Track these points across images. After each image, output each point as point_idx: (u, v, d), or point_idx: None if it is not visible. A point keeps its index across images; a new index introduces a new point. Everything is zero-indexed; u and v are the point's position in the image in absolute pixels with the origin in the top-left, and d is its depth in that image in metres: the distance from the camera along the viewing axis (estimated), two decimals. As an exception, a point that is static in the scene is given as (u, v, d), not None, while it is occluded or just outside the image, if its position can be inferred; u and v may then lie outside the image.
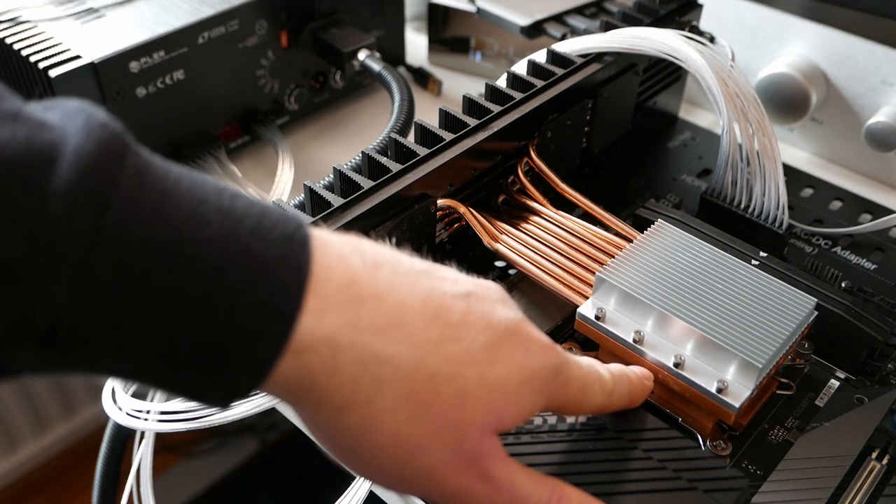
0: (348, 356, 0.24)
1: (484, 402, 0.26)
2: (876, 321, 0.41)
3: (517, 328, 0.28)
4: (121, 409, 0.41)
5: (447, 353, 0.26)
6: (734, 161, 0.48)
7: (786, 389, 0.40)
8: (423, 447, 0.26)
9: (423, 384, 0.25)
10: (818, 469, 0.36)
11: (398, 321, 0.25)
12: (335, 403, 0.25)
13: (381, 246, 0.27)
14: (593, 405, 0.32)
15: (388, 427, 0.25)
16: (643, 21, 0.53)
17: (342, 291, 0.24)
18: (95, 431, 1.19)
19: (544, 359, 0.28)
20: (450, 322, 0.26)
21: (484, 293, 0.28)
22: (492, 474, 0.27)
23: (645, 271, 0.39)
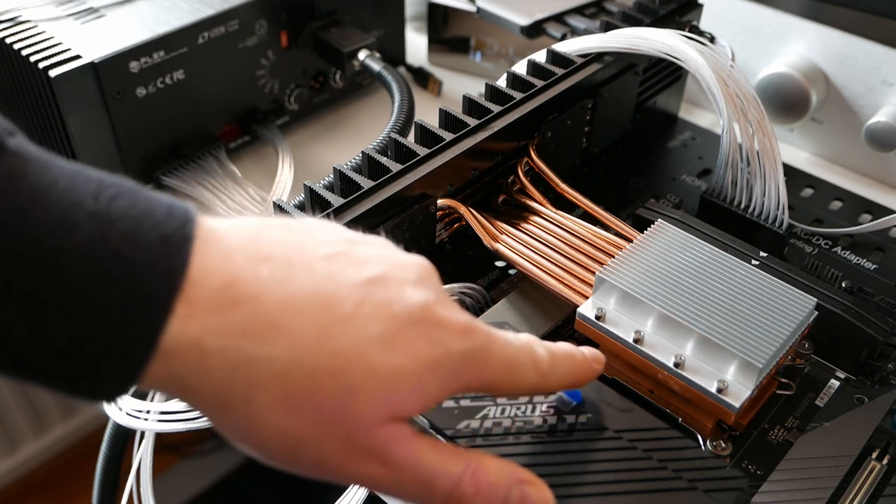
0: (216, 360, 0.24)
1: (373, 395, 0.25)
2: (876, 321, 0.41)
3: (422, 314, 0.27)
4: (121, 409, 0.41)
5: (332, 347, 0.25)
6: (734, 161, 0.48)
7: (786, 389, 0.40)
8: (310, 441, 0.26)
9: (301, 381, 0.25)
10: (818, 469, 0.36)
11: (275, 321, 0.25)
12: (212, 404, 0.25)
13: (287, 230, 0.27)
14: (524, 385, 0.30)
15: (270, 424, 0.25)
16: (643, 21, 0.53)
17: (216, 294, 0.24)
18: (95, 431, 1.19)
19: (452, 344, 0.27)
20: (337, 316, 0.25)
21: (394, 275, 0.27)
22: (392, 459, 0.26)
23: (645, 271, 0.39)
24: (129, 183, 0.24)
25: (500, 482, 0.28)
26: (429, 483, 0.27)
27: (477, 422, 0.34)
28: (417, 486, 0.27)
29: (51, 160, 0.24)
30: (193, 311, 0.24)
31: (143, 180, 0.56)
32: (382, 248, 0.28)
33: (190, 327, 0.24)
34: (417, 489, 0.27)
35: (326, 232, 0.28)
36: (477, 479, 0.28)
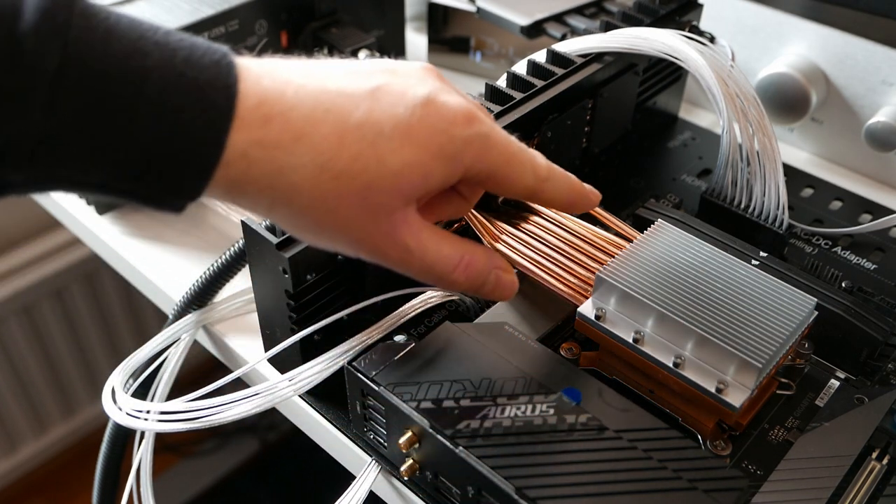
0: (259, 169, 0.29)
1: (389, 189, 0.30)
2: (876, 321, 0.41)
3: (425, 107, 0.31)
4: (121, 409, 0.41)
5: (351, 152, 0.30)
6: (734, 161, 0.48)
7: (786, 389, 0.40)
8: (343, 232, 0.31)
9: (331, 184, 0.30)
10: (818, 469, 0.36)
11: (301, 133, 0.29)
12: (263, 204, 0.30)
13: (297, 60, 0.31)
14: (521, 185, 0.35)
15: (312, 218, 0.30)
16: (643, 21, 0.53)
17: (252, 112, 0.28)
18: (95, 431, 1.19)
19: (455, 131, 0.31)
20: (352, 123, 0.30)
21: (398, 80, 0.31)
22: (403, 243, 0.32)
23: (645, 271, 0.39)
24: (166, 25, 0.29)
25: (484, 269, 0.36)
26: (430, 267, 0.34)
27: (477, 422, 0.34)
28: (421, 268, 0.33)
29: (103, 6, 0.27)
30: (240, 126, 0.28)
31: (143, 180, 0.56)
32: (383, 62, 0.33)
33: (239, 140, 0.28)
34: (421, 271, 0.34)
35: (332, 61, 0.32)
36: (468, 268, 0.35)
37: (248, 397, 0.38)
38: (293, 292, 0.38)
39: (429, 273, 0.34)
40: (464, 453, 0.34)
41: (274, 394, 0.38)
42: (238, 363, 0.48)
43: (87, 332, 1.11)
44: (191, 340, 0.48)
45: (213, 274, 0.45)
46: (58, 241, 1.03)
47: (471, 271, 0.35)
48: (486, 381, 0.36)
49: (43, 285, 1.02)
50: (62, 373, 1.12)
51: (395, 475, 0.39)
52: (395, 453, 0.38)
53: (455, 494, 0.36)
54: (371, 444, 0.40)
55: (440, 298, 0.41)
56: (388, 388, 0.36)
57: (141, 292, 0.56)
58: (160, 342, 0.46)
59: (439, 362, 0.37)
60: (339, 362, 0.38)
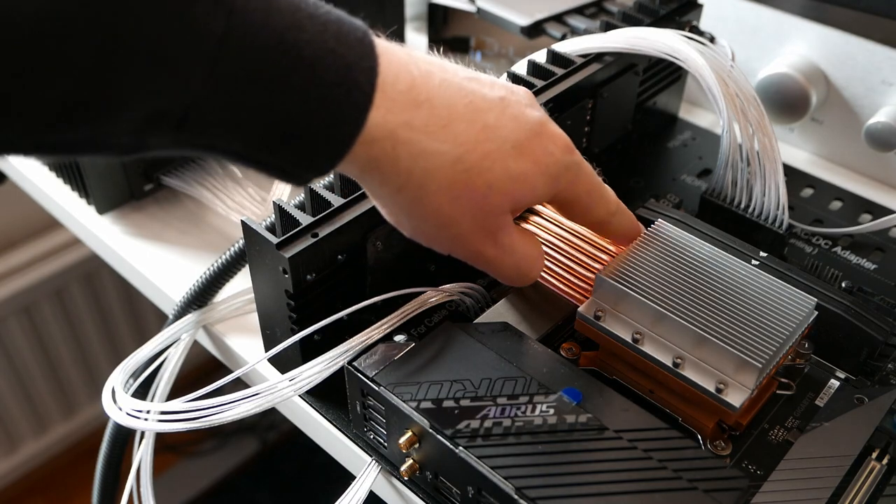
0: (405, 150, 0.30)
1: (506, 191, 0.33)
2: (876, 321, 0.41)
3: (540, 129, 0.34)
4: (121, 409, 0.41)
5: (483, 150, 0.32)
6: (734, 161, 0.48)
7: (786, 389, 0.40)
8: (457, 220, 0.33)
9: (462, 175, 0.32)
10: (818, 469, 0.36)
11: (446, 123, 0.31)
12: (394, 184, 0.32)
13: (429, 56, 0.33)
14: (595, 215, 0.38)
15: (433, 204, 0.32)
16: (643, 21, 0.53)
17: (403, 95, 0.30)
18: (95, 431, 1.19)
19: (559, 155, 0.35)
20: (487, 124, 0.32)
21: (514, 98, 0.34)
22: (500, 241, 0.35)
23: (645, 271, 0.39)
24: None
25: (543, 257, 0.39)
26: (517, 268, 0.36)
27: (477, 422, 0.34)
28: (511, 268, 0.36)
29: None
30: (391, 107, 0.30)
31: (143, 180, 0.56)
32: (494, 78, 0.35)
33: (389, 120, 0.30)
34: (509, 271, 0.36)
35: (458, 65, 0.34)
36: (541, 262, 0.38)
37: (248, 397, 0.38)
38: (293, 292, 0.38)
39: (516, 271, 0.36)
40: (464, 453, 0.34)
41: (274, 394, 0.38)
42: (238, 363, 0.48)
43: (87, 332, 1.11)
44: (191, 340, 0.48)
45: (213, 274, 0.45)
46: (58, 241, 1.03)
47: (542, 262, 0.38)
48: (486, 381, 0.36)
49: (43, 285, 1.02)
50: (62, 373, 1.12)
51: (395, 475, 0.39)
52: (395, 453, 0.38)
53: (455, 494, 0.36)
54: (371, 444, 0.40)
55: (440, 298, 0.41)
56: (388, 388, 0.36)
57: (141, 292, 0.56)
58: (160, 342, 0.46)
59: (439, 362, 0.37)
60: (339, 362, 0.38)
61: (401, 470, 0.37)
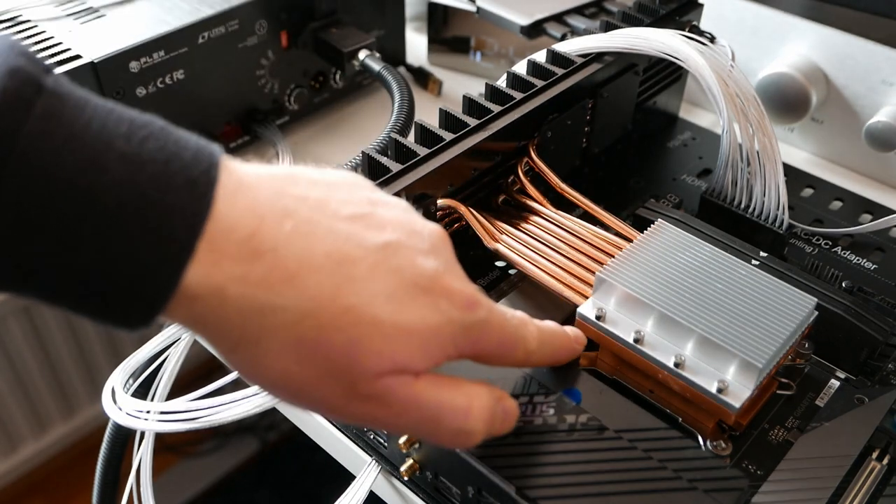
0: (235, 306, 0.26)
1: (379, 351, 0.27)
2: (876, 321, 0.41)
3: (430, 283, 0.28)
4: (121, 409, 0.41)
5: (343, 304, 0.27)
6: (734, 161, 0.48)
7: (786, 389, 0.40)
8: (315, 384, 0.27)
9: (312, 332, 0.26)
10: (818, 469, 0.36)
11: (292, 274, 0.26)
12: (225, 344, 0.27)
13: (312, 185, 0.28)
14: (510, 361, 0.33)
15: (277, 366, 0.27)
16: (643, 21, 0.53)
17: (239, 245, 0.25)
18: (95, 431, 1.19)
19: (454, 314, 0.29)
20: (352, 276, 0.27)
21: (408, 242, 0.29)
22: (395, 402, 0.28)
23: (645, 271, 0.39)
24: (159, 122, 0.26)
25: (489, 405, 0.31)
26: (435, 421, 0.29)
27: (477, 422, 0.34)
28: (423, 424, 0.29)
29: (86, 98, 0.25)
30: (218, 260, 0.25)
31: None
32: (401, 211, 0.30)
33: (214, 275, 0.25)
34: (423, 427, 0.29)
35: (350, 190, 0.29)
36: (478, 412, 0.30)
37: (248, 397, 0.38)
38: (293, 292, 0.38)
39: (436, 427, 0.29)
40: (464, 453, 0.34)
41: (274, 394, 0.38)
42: (238, 363, 0.48)
43: (87, 332, 1.11)
44: (191, 340, 0.48)
45: (213, 274, 0.45)
46: (58, 241, 1.03)
47: (482, 411, 0.30)
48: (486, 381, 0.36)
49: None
50: (62, 373, 1.12)
51: (395, 475, 0.39)
52: (395, 453, 0.38)
53: (455, 494, 0.36)
54: (371, 444, 0.40)
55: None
56: (388, 388, 0.36)
57: (141, 292, 0.56)
58: (160, 342, 0.46)
59: (439, 362, 0.37)
60: (339, 362, 0.38)
61: (401, 470, 0.37)
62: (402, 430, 0.31)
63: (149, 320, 0.26)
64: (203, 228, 0.25)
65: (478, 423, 0.30)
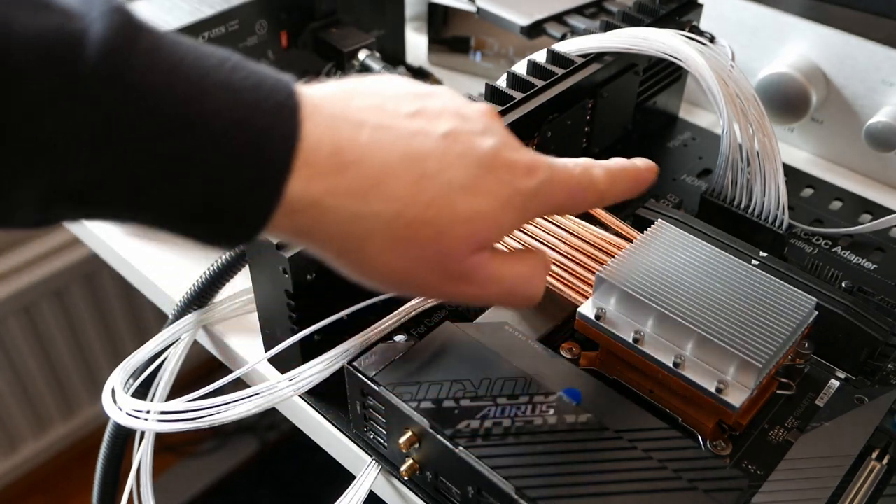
0: (334, 216, 0.28)
1: (461, 235, 0.30)
2: (876, 321, 0.41)
3: (494, 158, 0.31)
4: (121, 409, 0.41)
5: (424, 199, 0.30)
6: (734, 161, 0.48)
7: (786, 389, 0.40)
8: (414, 273, 0.31)
9: (403, 230, 0.29)
10: (818, 469, 0.36)
11: (377, 181, 0.29)
12: (332, 250, 0.30)
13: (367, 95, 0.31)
14: (586, 205, 0.36)
15: (381, 264, 0.30)
16: (643, 21, 0.53)
17: (327, 160, 0.28)
18: (95, 431, 1.19)
19: (519, 183, 0.32)
20: (426, 171, 0.30)
21: (464, 127, 0.31)
22: (479, 278, 0.32)
23: (645, 271, 0.39)
24: (237, 56, 0.28)
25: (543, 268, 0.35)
26: (511, 291, 0.34)
27: (477, 422, 0.34)
28: (502, 295, 0.34)
29: (174, 36, 0.27)
30: (313, 174, 0.28)
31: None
32: (450, 99, 0.32)
33: (312, 189, 0.28)
34: (502, 297, 0.34)
35: (398, 88, 0.32)
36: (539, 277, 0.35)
37: (248, 397, 0.38)
38: (293, 292, 0.38)
39: (511, 297, 0.34)
40: (464, 453, 0.34)
41: (274, 394, 0.38)
42: (238, 363, 0.48)
43: (87, 332, 1.11)
44: (191, 340, 0.48)
45: (213, 274, 0.45)
46: (58, 241, 1.03)
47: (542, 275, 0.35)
48: (486, 381, 0.36)
49: (43, 285, 1.02)
50: (62, 373, 1.12)
51: (395, 475, 0.39)
52: (395, 453, 0.38)
53: (455, 494, 0.36)
54: (371, 444, 0.40)
55: (440, 298, 0.41)
56: (388, 388, 0.36)
57: (141, 292, 0.56)
58: (160, 342, 0.46)
59: (439, 362, 0.37)
60: (339, 362, 0.38)
61: (401, 470, 0.37)
62: (486, 301, 0.35)
63: (256, 233, 0.28)
64: (296, 148, 0.27)
65: (540, 287, 0.35)
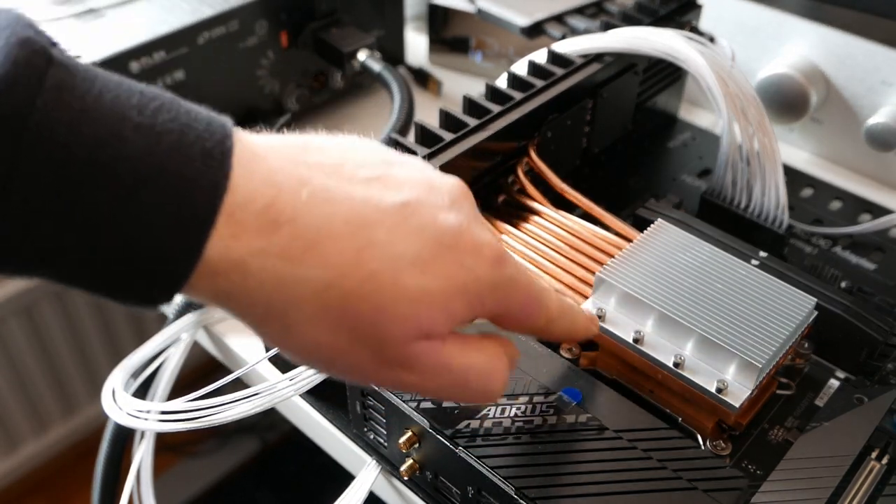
0: (258, 280, 0.25)
1: (404, 316, 0.26)
2: (876, 321, 0.41)
3: (457, 237, 0.28)
4: (121, 409, 0.41)
5: (366, 270, 0.26)
6: (734, 161, 0.48)
7: (786, 389, 0.40)
8: (345, 353, 0.27)
9: (337, 301, 0.26)
10: (818, 469, 0.36)
11: (313, 244, 0.25)
12: (254, 317, 0.26)
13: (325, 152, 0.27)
14: (532, 325, 0.32)
15: (306, 336, 0.26)
16: (643, 21, 0.53)
17: (257, 216, 0.25)
18: (95, 431, 1.19)
19: (481, 271, 0.28)
20: (372, 240, 0.26)
21: (428, 199, 0.28)
22: (422, 366, 0.28)
23: (645, 271, 0.39)
24: (168, 94, 0.25)
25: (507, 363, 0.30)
26: (463, 384, 0.29)
27: (477, 422, 0.34)
28: (452, 388, 0.29)
29: (93, 69, 0.24)
30: (238, 232, 0.24)
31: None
32: (419, 170, 0.29)
33: (235, 248, 0.24)
34: (452, 390, 0.29)
35: (365, 153, 0.28)
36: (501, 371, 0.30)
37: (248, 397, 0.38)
38: (293, 292, 0.38)
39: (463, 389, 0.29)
40: (464, 453, 0.34)
41: (274, 394, 0.38)
42: (238, 363, 0.48)
43: (87, 332, 1.11)
44: (191, 340, 0.48)
45: (213, 274, 0.45)
46: (58, 241, 1.03)
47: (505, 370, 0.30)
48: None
49: (43, 285, 1.02)
50: (62, 373, 1.12)
51: (395, 475, 0.39)
52: (395, 453, 0.38)
53: (455, 494, 0.36)
54: (371, 444, 0.40)
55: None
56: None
57: (141, 292, 0.56)
58: (160, 342, 0.47)
59: (439, 362, 0.37)
60: (339, 362, 0.38)
61: (401, 470, 0.37)
62: (431, 393, 0.30)
63: (170, 296, 0.25)
64: (221, 200, 0.24)
65: (500, 382, 0.30)
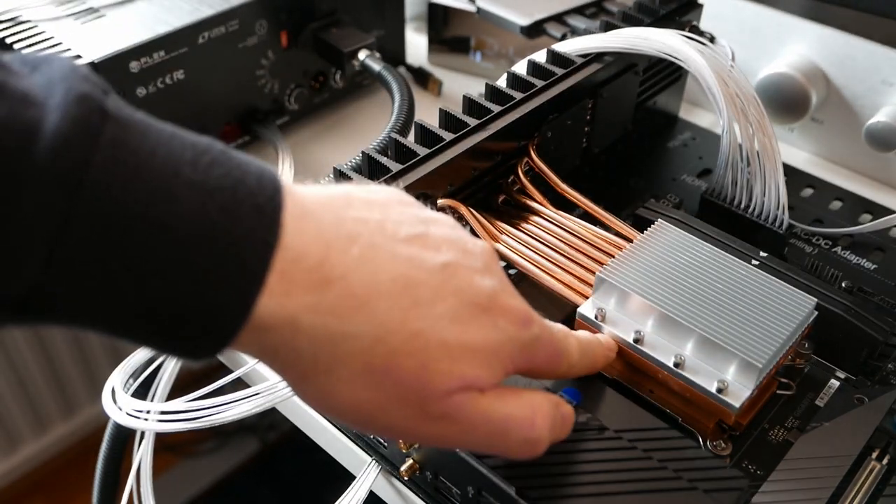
0: (308, 336, 0.25)
1: (447, 372, 0.27)
2: (876, 321, 0.41)
3: (492, 300, 0.29)
4: (121, 409, 0.41)
5: (412, 329, 0.27)
6: (734, 161, 0.48)
7: (786, 389, 0.40)
8: (385, 409, 0.27)
9: (382, 358, 0.26)
10: (818, 469, 0.36)
11: (363, 302, 0.26)
12: (297, 372, 0.27)
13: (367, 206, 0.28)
14: (555, 374, 0.33)
15: (348, 394, 0.27)
16: (643, 21, 0.53)
17: (309, 273, 0.25)
18: (95, 431, 1.19)
19: (514, 333, 0.29)
20: (418, 299, 0.27)
21: (464, 262, 0.29)
22: (464, 419, 0.28)
23: (645, 271, 0.39)
24: (219, 146, 0.25)
25: (550, 412, 0.31)
26: (503, 434, 0.29)
27: (477, 422, 0.34)
28: (492, 438, 0.29)
29: (146, 122, 0.24)
30: (289, 289, 0.25)
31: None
32: (451, 229, 0.30)
33: (287, 305, 0.25)
34: (493, 441, 0.30)
35: (401, 209, 0.29)
36: (542, 420, 0.30)
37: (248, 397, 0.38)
38: (293, 292, 0.38)
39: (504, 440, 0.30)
40: (464, 453, 0.34)
41: (274, 394, 0.38)
42: (238, 363, 0.48)
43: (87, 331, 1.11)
44: (191, 340, 0.48)
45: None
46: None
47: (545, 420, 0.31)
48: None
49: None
50: (62, 373, 1.12)
51: (395, 475, 0.39)
52: (395, 453, 0.38)
53: (455, 494, 0.36)
54: (371, 444, 0.40)
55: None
56: (388, 388, 0.36)
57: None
58: (160, 342, 0.46)
59: (439, 362, 0.37)
60: (339, 362, 0.38)
61: (401, 470, 0.37)
62: (472, 446, 0.31)
63: (218, 352, 0.25)
64: (273, 257, 0.24)
65: (543, 431, 0.30)
